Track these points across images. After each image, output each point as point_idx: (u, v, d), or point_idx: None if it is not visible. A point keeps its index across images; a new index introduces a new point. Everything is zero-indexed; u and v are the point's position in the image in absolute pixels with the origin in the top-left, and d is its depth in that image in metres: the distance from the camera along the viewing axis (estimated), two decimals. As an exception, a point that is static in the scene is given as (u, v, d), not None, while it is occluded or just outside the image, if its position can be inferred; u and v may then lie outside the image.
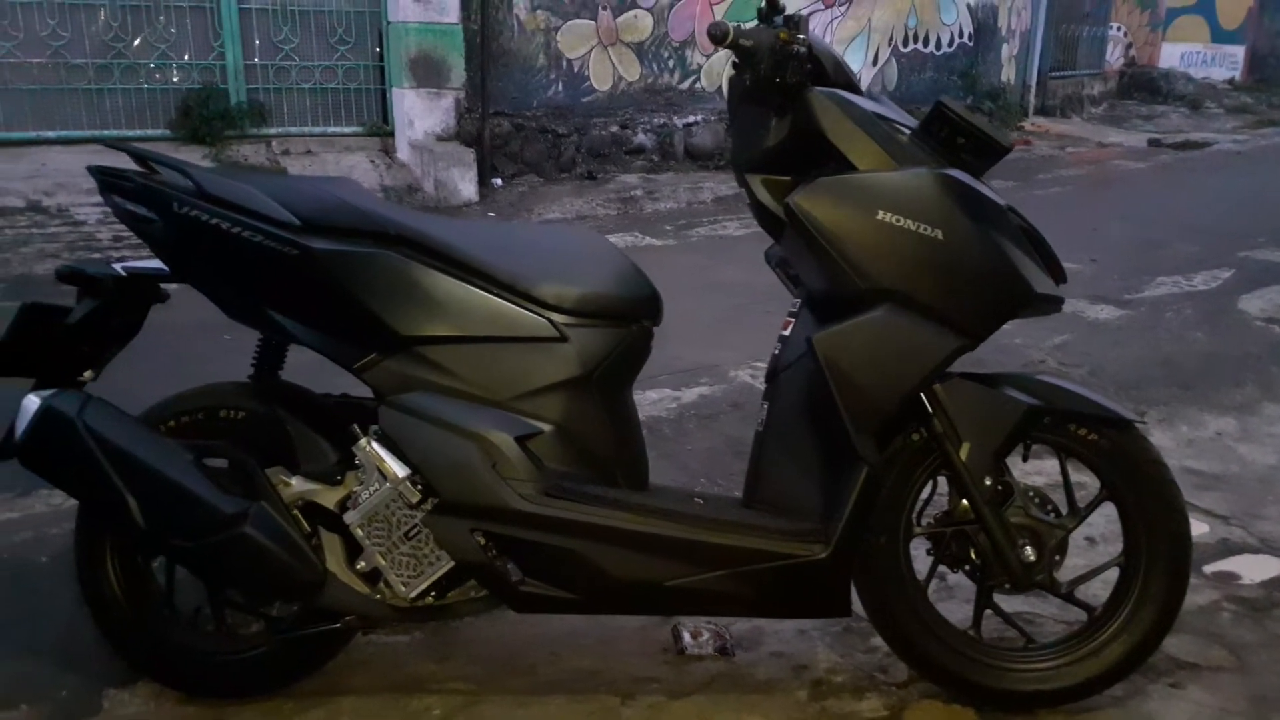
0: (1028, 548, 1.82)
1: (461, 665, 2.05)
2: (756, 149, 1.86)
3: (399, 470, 1.73)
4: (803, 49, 1.74)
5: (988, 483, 1.82)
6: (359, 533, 1.77)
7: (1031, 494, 1.89)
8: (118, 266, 1.87)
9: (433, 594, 1.80)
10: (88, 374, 1.88)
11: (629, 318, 1.85)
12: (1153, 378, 3.71)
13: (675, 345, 3.80)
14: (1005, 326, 1.83)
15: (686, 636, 2.14)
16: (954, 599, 2.22)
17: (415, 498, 1.73)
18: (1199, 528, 2.67)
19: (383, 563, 1.77)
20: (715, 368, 3.56)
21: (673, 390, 3.37)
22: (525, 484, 1.72)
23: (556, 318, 1.79)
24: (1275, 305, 4.53)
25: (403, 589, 1.78)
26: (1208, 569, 2.48)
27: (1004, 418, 1.81)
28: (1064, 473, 1.92)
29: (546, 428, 1.78)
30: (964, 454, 1.81)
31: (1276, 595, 2.36)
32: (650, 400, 3.26)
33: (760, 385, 2.03)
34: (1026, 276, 1.75)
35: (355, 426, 1.79)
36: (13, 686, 1.96)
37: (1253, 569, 2.50)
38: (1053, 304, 1.81)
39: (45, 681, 1.98)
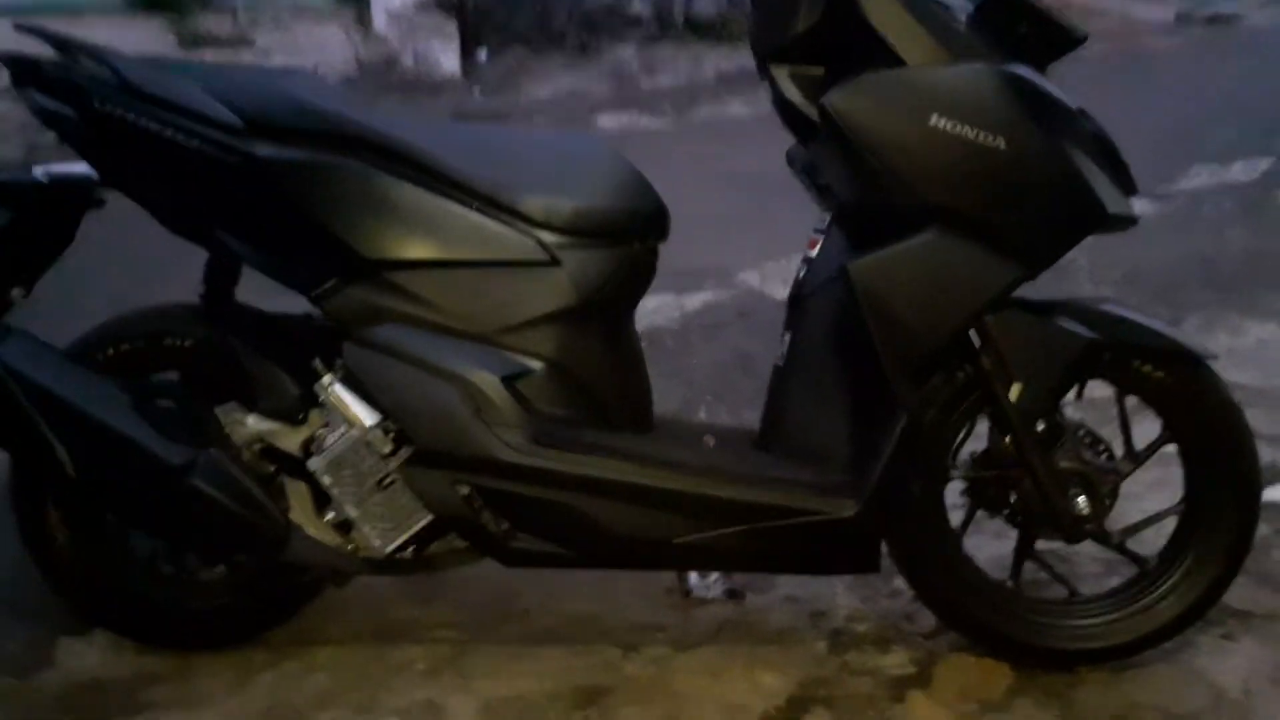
0: (1080, 498, 1.62)
1: (448, 611, 1.88)
2: (782, 33, 1.57)
3: (367, 418, 1.51)
4: None
5: (1039, 427, 1.60)
6: (325, 480, 1.57)
7: (1082, 432, 1.68)
8: (39, 171, 1.61)
9: (412, 547, 1.60)
10: (16, 292, 1.64)
11: (631, 236, 1.60)
12: (1191, 280, 3.47)
13: (677, 244, 3.52)
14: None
15: (693, 578, 1.96)
16: (982, 533, 2.03)
17: (387, 448, 1.52)
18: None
19: (354, 514, 1.57)
20: (721, 270, 3.31)
21: (675, 296, 3.13)
22: (513, 431, 1.51)
23: (547, 237, 1.54)
24: (1318, 198, 4.26)
25: (377, 542, 1.58)
26: (1256, 499, 2.30)
27: (1063, 355, 1.58)
28: (1122, 412, 1.70)
29: (537, 365, 1.55)
30: (1014, 394, 1.59)
31: (1329, 526, 2.18)
32: (650, 308, 3.01)
33: (771, 292, 1.79)
34: (1099, 193, 1.49)
35: (318, 362, 1.56)
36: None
37: (1301, 497, 2.32)
38: (1126, 223, 1.56)
39: (-10, 632, 1.81)
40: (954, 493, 1.75)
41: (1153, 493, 1.88)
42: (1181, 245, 3.75)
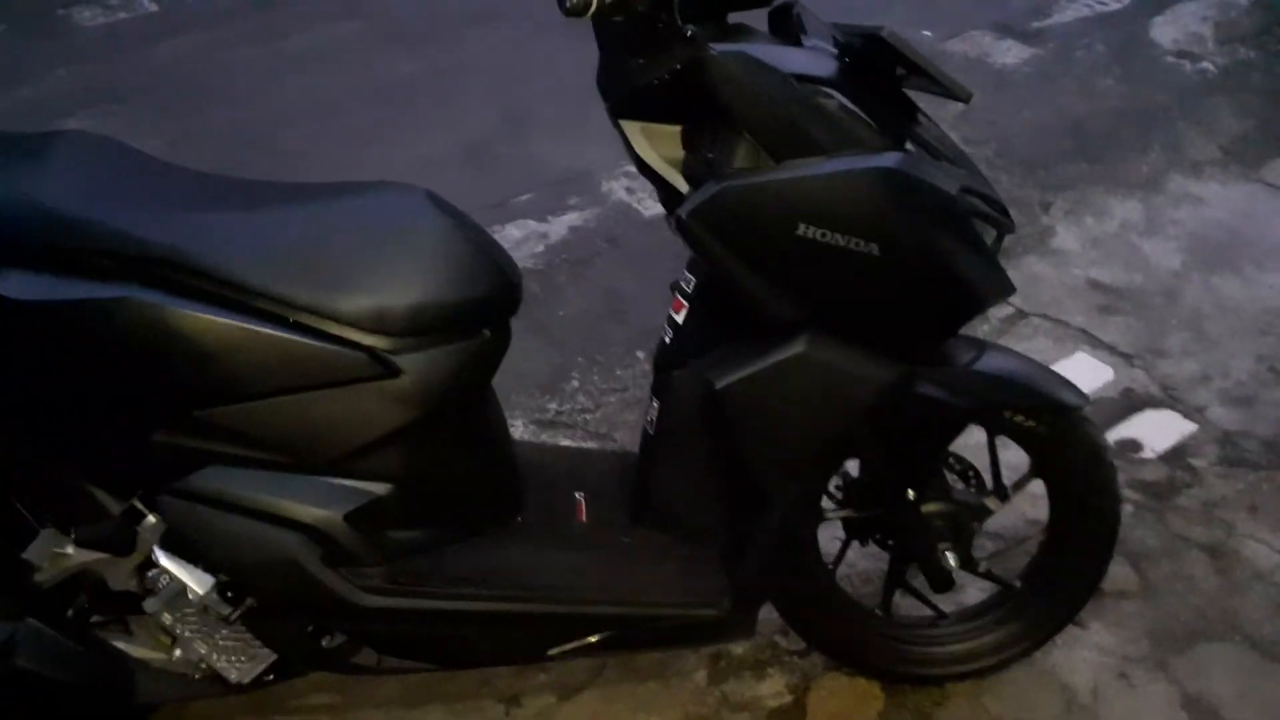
0: (949, 554, 1.63)
1: (324, 674, 1.82)
2: (630, 84, 1.37)
3: (198, 584, 1.37)
4: None
5: (911, 495, 1.58)
6: (165, 620, 1.44)
7: (952, 460, 1.68)
8: None
9: (271, 675, 1.52)
10: None
11: (479, 323, 1.43)
12: (1062, 151, 3.40)
13: (536, 145, 3.29)
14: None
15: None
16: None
17: (226, 609, 1.39)
18: (1102, 373, 2.56)
19: (203, 650, 1.47)
20: (586, 178, 3.08)
21: (538, 223, 2.91)
22: (366, 571, 1.40)
23: (381, 345, 1.36)
24: (1186, 32, 4.16)
25: (233, 675, 1.49)
26: (1111, 435, 2.37)
27: (934, 427, 1.54)
28: (992, 452, 1.69)
29: (385, 490, 1.42)
30: (887, 462, 1.56)
31: (1177, 475, 2.28)
32: (513, 239, 2.81)
33: (639, 207, 1.64)
34: (977, 284, 1.39)
35: (138, 503, 1.39)
36: None
37: (1155, 432, 2.40)
38: (1003, 295, 1.47)
39: None
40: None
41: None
42: (1054, 106, 3.65)
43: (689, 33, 1.25)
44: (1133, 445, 2.37)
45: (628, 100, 1.39)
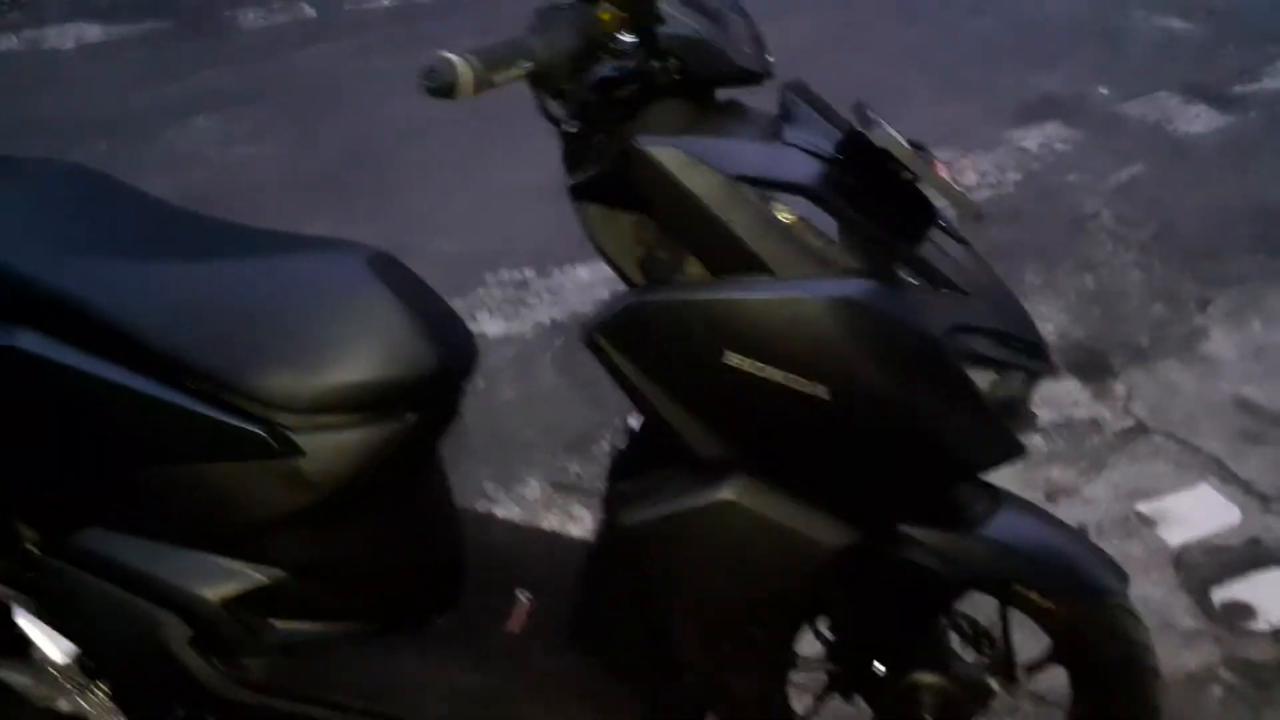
0: None
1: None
2: (581, 167, 1.20)
3: (56, 653, 1.29)
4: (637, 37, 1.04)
5: (882, 670, 1.32)
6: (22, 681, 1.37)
7: (962, 621, 1.40)
8: None
9: None
10: None
11: (403, 403, 1.29)
12: (1237, 240, 2.94)
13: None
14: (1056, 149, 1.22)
15: None
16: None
17: (83, 681, 1.31)
18: (1227, 514, 2.15)
19: (84, 706, 1.39)
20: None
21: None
22: (242, 663, 1.28)
23: (284, 421, 1.23)
24: None
25: None
26: (1218, 594, 1.98)
27: (922, 596, 1.27)
28: (1004, 624, 1.40)
29: (274, 576, 1.30)
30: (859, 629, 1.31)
31: (1291, 657, 1.87)
32: (583, 281, 2.67)
33: None
34: (964, 447, 1.13)
35: (32, 549, 1.33)
36: None
37: (1275, 598, 1.99)
38: (1006, 459, 1.19)
39: None
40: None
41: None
42: (1238, 183, 3.17)
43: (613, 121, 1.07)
44: (1243, 611, 1.96)
45: (584, 179, 1.22)
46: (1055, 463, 2.25)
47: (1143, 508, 2.14)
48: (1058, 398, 2.40)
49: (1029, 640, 1.35)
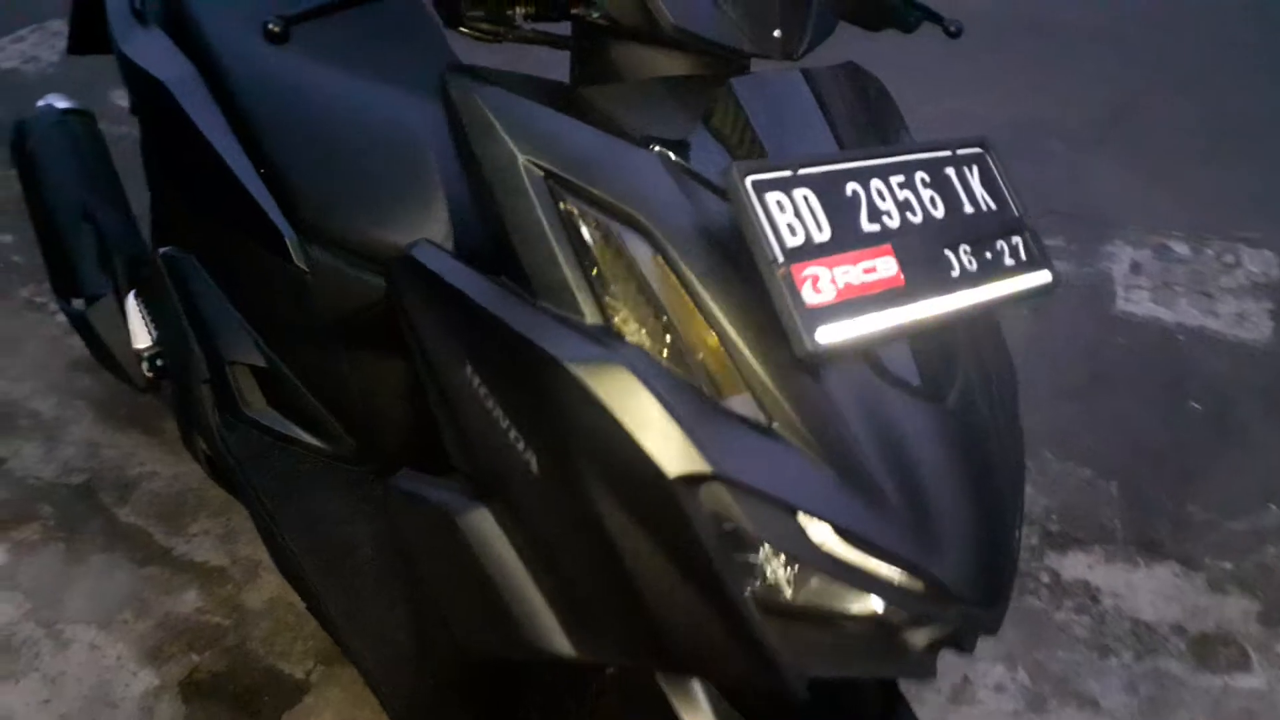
0: None
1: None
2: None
3: (140, 338, 1.71)
4: None
5: None
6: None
7: None
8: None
9: None
10: None
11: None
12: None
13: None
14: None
15: None
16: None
17: (143, 381, 1.73)
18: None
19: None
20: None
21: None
22: (229, 420, 1.45)
23: (311, 238, 1.32)
24: None
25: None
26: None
27: None
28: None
29: (268, 361, 1.47)
30: None
31: None
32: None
33: None
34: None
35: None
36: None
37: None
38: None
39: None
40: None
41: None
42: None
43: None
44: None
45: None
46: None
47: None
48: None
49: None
